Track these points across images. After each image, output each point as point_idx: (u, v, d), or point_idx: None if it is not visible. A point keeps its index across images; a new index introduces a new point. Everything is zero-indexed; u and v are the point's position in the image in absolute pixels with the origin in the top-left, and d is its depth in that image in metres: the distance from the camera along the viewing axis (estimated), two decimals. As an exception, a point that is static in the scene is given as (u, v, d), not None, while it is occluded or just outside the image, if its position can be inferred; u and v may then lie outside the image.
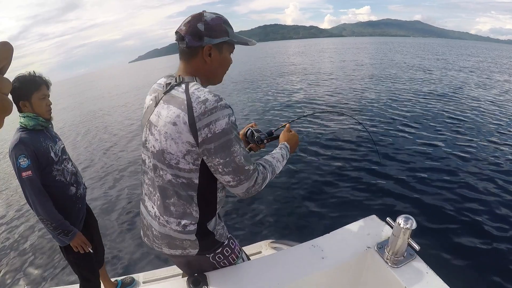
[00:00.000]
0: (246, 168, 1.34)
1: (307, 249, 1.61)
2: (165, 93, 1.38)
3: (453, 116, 8.85)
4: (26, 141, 2.05)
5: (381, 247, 1.54)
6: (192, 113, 1.23)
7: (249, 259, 1.74)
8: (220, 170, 1.31)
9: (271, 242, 3.03)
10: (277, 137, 1.86)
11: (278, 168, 1.56)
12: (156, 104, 1.39)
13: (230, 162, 1.29)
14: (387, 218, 1.55)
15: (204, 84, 1.45)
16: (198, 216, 1.42)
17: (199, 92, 1.27)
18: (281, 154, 1.63)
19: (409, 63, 25.11)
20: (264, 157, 1.57)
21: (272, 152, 1.64)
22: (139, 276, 3.09)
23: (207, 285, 1.43)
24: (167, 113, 1.31)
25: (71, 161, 2.45)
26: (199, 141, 1.25)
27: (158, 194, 1.44)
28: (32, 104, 2.13)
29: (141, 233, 1.66)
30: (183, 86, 1.33)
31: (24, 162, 2.00)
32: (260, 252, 2.96)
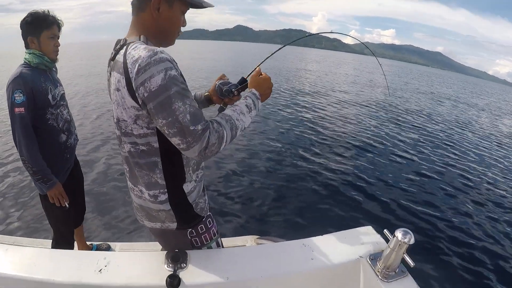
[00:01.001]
0: (192, 128, 1.15)
1: (297, 246, 1.56)
2: (112, 60, 1.30)
3: (457, 145, 9.05)
4: (26, 77, 2.01)
5: (374, 258, 1.49)
6: (128, 75, 1.15)
7: (223, 246, 1.67)
8: (166, 132, 1.18)
9: (257, 238, 2.96)
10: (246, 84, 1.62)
11: (242, 121, 1.35)
12: (110, 75, 1.32)
13: (174, 122, 1.14)
14: (385, 230, 1.49)
15: (155, 45, 1.32)
16: (164, 183, 1.36)
17: (134, 50, 1.17)
18: (246, 105, 1.40)
19: (422, 91, 25.17)
20: (223, 112, 1.39)
21: (235, 103, 1.44)
22: (116, 245, 3.06)
23: (186, 263, 1.38)
24: (113, 81, 1.25)
25: (68, 109, 2.41)
26: (140, 103, 1.17)
27: (126, 166, 1.43)
28: (40, 41, 2.10)
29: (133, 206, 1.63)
30: (124, 48, 1.23)
31: (19, 97, 1.95)
32: (244, 246, 2.89)
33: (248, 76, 1.68)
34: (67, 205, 2.31)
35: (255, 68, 1.64)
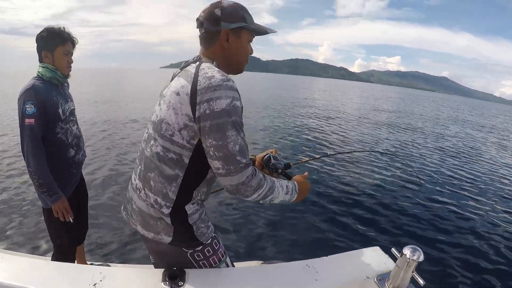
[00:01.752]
0: (238, 158, 1.22)
1: (300, 268, 1.48)
2: (181, 69, 1.40)
3: (467, 171, 8.81)
4: (38, 89, 2.02)
5: (382, 279, 1.41)
6: (195, 85, 1.22)
7: (233, 266, 1.61)
8: (211, 153, 1.23)
9: (262, 263, 2.87)
10: (291, 176, 1.70)
11: (278, 194, 1.40)
12: (172, 80, 1.41)
13: (223, 146, 1.20)
14: (392, 249, 1.43)
15: (226, 73, 1.35)
16: (174, 199, 1.33)
17: (209, 69, 1.26)
18: (286, 185, 1.46)
19: (429, 116, 25.18)
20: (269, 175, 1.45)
21: (279, 178, 1.51)
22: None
23: (184, 281, 1.31)
24: (174, 84, 1.32)
25: (77, 125, 2.41)
26: (196, 116, 1.21)
27: (142, 166, 1.41)
28: (54, 56, 2.13)
29: (123, 208, 1.58)
30: (198, 63, 1.33)
31: (30, 108, 1.96)
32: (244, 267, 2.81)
33: (294, 164, 1.86)
34: (71, 220, 2.27)
35: (304, 161, 2.02)
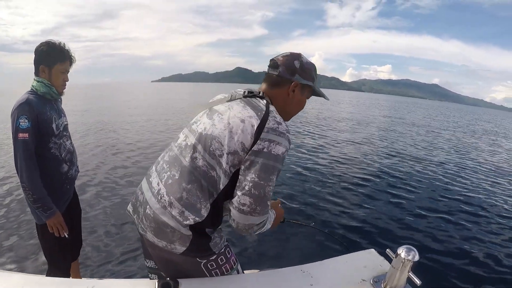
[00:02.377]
0: (268, 203, 1.29)
1: (296, 273, 1.46)
2: (244, 96, 1.43)
3: (458, 173, 8.96)
4: (32, 104, 1.99)
5: (378, 281, 1.39)
6: (264, 122, 1.27)
7: (243, 273, 1.59)
8: (247, 188, 1.23)
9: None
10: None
11: (266, 228, 1.44)
12: (230, 100, 1.43)
13: (261, 187, 1.23)
14: (387, 250, 1.41)
15: None
16: (205, 216, 1.30)
17: (278, 114, 1.34)
18: (271, 217, 1.50)
19: (420, 123, 25.43)
20: None
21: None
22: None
23: None
24: (241, 110, 1.34)
25: (71, 140, 2.38)
26: (252, 148, 1.25)
27: (175, 173, 1.35)
28: (51, 72, 2.11)
29: (129, 208, 1.51)
30: (265, 101, 1.39)
31: (24, 123, 1.93)
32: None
33: (289, 220, 1.94)
34: (67, 235, 2.22)
35: (291, 220, 1.96)
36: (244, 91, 1.46)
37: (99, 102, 31.38)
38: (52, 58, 2.09)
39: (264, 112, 1.30)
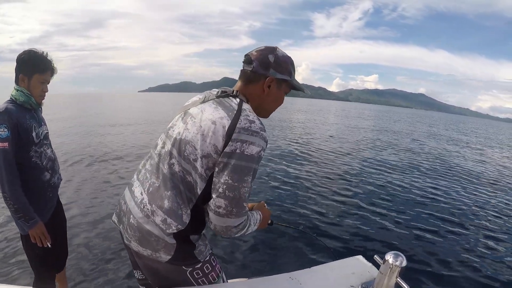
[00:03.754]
0: (244, 205, 1.26)
1: (284, 280, 1.45)
2: (217, 97, 1.40)
3: (442, 179, 9.11)
4: (12, 113, 1.95)
5: (366, 287, 1.39)
6: (236, 122, 1.23)
7: (227, 281, 1.57)
8: (221, 190, 1.22)
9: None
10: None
11: (251, 229, 1.43)
12: (203, 102, 1.40)
13: (236, 188, 1.21)
14: (375, 256, 1.41)
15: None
16: (187, 222, 1.29)
17: (251, 112, 1.30)
18: (256, 219, 1.48)
19: (405, 132, 25.63)
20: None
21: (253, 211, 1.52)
22: None
23: None
24: (212, 112, 1.31)
25: (52, 148, 2.34)
26: (224, 150, 1.22)
27: (155, 181, 1.34)
28: (30, 82, 2.07)
29: (114, 218, 1.50)
30: (238, 100, 1.35)
31: (3, 132, 1.89)
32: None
33: (277, 223, 1.90)
34: (49, 245, 2.17)
35: (278, 223, 1.92)
36: (218, 91, 1.44)
37: (84, 112, 31.02)
38: (31, 68, 2.05)
39: (235, 112, 1.27)
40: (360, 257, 1.68)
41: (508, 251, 4.77)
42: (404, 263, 1.23)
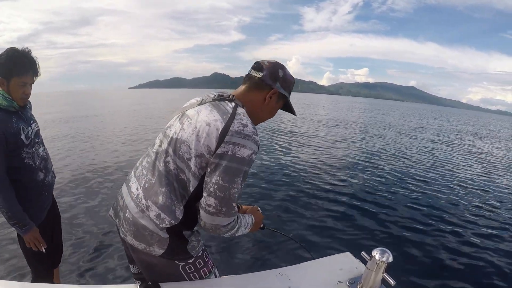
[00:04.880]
0: (233, 205, 1.30)
1: (273, 276, 1.49)
2: (214, 100, 1.44)
3: (429, 172, 9.18)
4: None
5: (353, 282, 1.44)
6: (229, 125, 1.28)
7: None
8: (212, 189, 1.26)
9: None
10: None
11: (241, 231, 1.47)
12: (200, 104, 1.45)
13: (226, 189, 1.26)
14: (362, 252, 1.46)
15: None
16: (180, 218, 1.34)
17: (245, 117, 1.34)
18: (247, 222, 1.52)
19: (395, 126, 25.81)
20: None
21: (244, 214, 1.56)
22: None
23: None
24: (207, 114, 1.36)
25: (43, 146, 2.30)
26: (217, 151, 1.26)
27: (151, 177, 1.39)
28: (9, 85, 1.96)
29: (111, 212, 1.55)
30: (233, 104, 1.39)
31: None
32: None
33: (269, 228, 1.93)
34: (44, 250, 2.17)
35: (272, 229, 2.02)
36: (215, 95, 1.48)
37: (74, 109, 30.64)
38: (8, 70, 1.94)
39: (229, 115, 1.31)
40: (348, 253, 1.72)
41: (494, 245, 4.85)
42: (390, 259, 1.27)
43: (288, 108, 1.62)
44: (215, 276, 1.54)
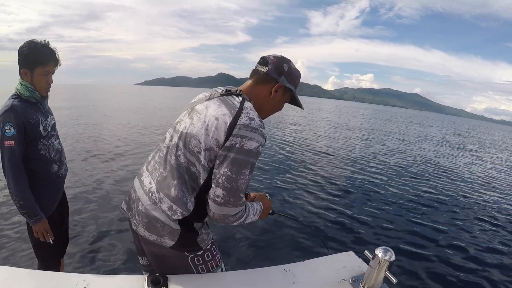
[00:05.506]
0: (241, 195, 1.35)
1: (278, 272, 1.52)
2: (221, 95, 1.48)
3: (432, 176, 9.21)
4: (17, 110, 1.96)
5: (356, 280, 1.46)
6: (237, 119, 1.32)
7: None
8: (220, 180, 1.30)
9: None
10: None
11: (250, 218, 1.52)
12: (209, 99, 1.49)
13: (233, 180, 1.30)
14: (365, 251, 1.48)
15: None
16: (191, 209, 1.39)
17: (251, 111, 1.38)
18: (256, 209, 1.57)
19: (400, 132, 25.72)
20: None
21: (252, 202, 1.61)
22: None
23: (167, 286, 1.33)
24: (216, 109, 1.40)
25: (59, 139, 2.37)
26: (225, 144, 1.31)
27: (163, 171, 1.44)
28: (33, 76, 2.05)
29: (123, 205, 1.60)
30: (241, 98, 1.43)
31: (9, 130, 1.91)
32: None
33: (277, 213, 1.94)
34: (51, 242, 2.23)
35: (280, 214, 2.01)
36: (223, 90, 1.51)
37: (83, 103, 30.75)
38: (32, 61, 2.02)
39: (237, 109, 1.35)
40: (351, 252, 1.75)
41: (496, 247, 4.92)
42: (393, 258, 1.30)
43: (295, 102, 1.65)
44: (222, 270, 1.58)
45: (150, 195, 1.43)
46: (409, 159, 12.12)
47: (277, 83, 1.49)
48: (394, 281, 1.29)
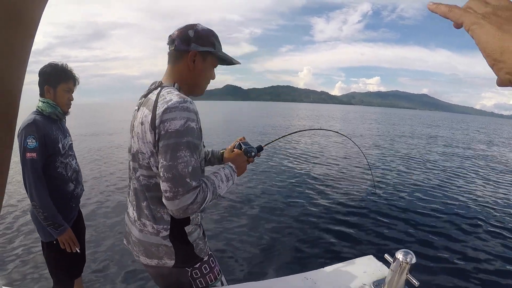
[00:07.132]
0: (187, 180, 1.19)
1: (299, 280, 1.52)
2: (144, 97, 1.44)
3: (451, 177, 8.96)
4: (39, 124, 2.03)
5: (378, 284, 1.45)
6: (155, 112, 1.24)
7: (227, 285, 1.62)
8: (161, 174, 1.21)
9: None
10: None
11: (221, 189, 1.38)
12: (137, 110, 1.42)
13: (172, 167, 1.18)
14: (385, 255, 1.47)
15: (186, 93, 1.43)
16: (169, 220, 1.37)
17: (168, 94, 1.29)
18: (225, 175, 1.43)
19: (412, 133, 25.46)
20: (206, 175, 1.43)
21: (215, 171, 1.46)
22: None
23: None
24: (140, 115, 1.34)
25: (76, 160, 2.42)
26: (156, 139, 1.24)
27: (135, 197, 1.43)
28: (56, 92, 2.16)
29: (124, 241, 1.59)
30: (159, 89, 1.36)
31: (32, 143, 1.97)
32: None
33: (266, 145, 1.87)
34: (78, 251, 2.27)
35: (272, 141, 2.01)
36: (145, 91, 1.46)
37: (95, 120, 31.12)
38: (55, 78, 2.14)
39: (154, 103, 1.28)
40: (371, 256, 1.74)
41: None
42: (414, 260, 1.28)
43: (224, 61, 1.54)
44: (222, 284, 1.55)
45: (136, 224, 1.42)
46: (428, 160, 12.03)
47: (189, 53, 1.40)
48: (416, 284, 1.28)
